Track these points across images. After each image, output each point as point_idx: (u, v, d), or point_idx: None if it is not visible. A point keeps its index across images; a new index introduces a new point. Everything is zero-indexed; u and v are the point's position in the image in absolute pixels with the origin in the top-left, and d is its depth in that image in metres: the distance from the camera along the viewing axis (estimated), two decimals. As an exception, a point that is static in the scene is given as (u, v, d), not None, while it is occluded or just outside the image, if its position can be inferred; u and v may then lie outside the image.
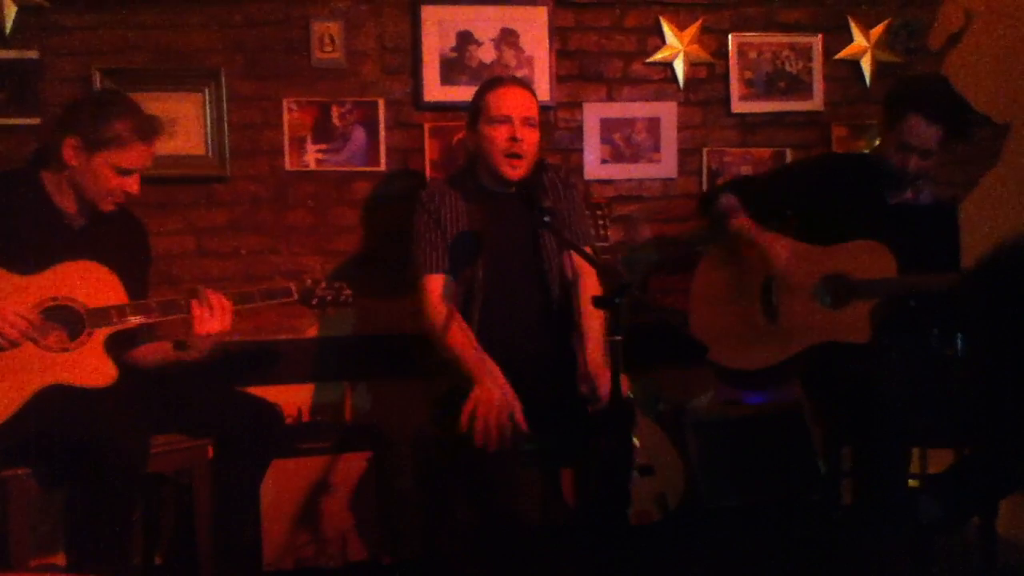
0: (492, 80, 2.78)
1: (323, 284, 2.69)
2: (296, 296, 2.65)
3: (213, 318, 2.46)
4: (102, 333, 2.41)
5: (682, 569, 2.97)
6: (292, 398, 3.22)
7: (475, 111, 2.73)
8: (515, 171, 2.66)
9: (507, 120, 2.65)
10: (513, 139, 2.64)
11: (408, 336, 3.15)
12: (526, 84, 2.79)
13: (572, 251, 2.62)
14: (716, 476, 3.13)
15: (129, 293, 2.48)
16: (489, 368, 2.49)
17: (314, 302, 2.68)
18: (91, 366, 2.39)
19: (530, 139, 2.67)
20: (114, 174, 2.46)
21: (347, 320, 3.31)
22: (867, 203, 2.87)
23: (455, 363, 2.55)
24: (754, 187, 3.03)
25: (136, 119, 2.47)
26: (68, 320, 2.40)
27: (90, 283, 2.44)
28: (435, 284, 2.67)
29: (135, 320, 2.45)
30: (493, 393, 2.41)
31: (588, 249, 2.82)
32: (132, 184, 2.50)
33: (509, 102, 2.66)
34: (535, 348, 2.68)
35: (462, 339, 2.57)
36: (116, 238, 2.59)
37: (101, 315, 2.41)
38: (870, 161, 2.94)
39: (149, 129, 2.49)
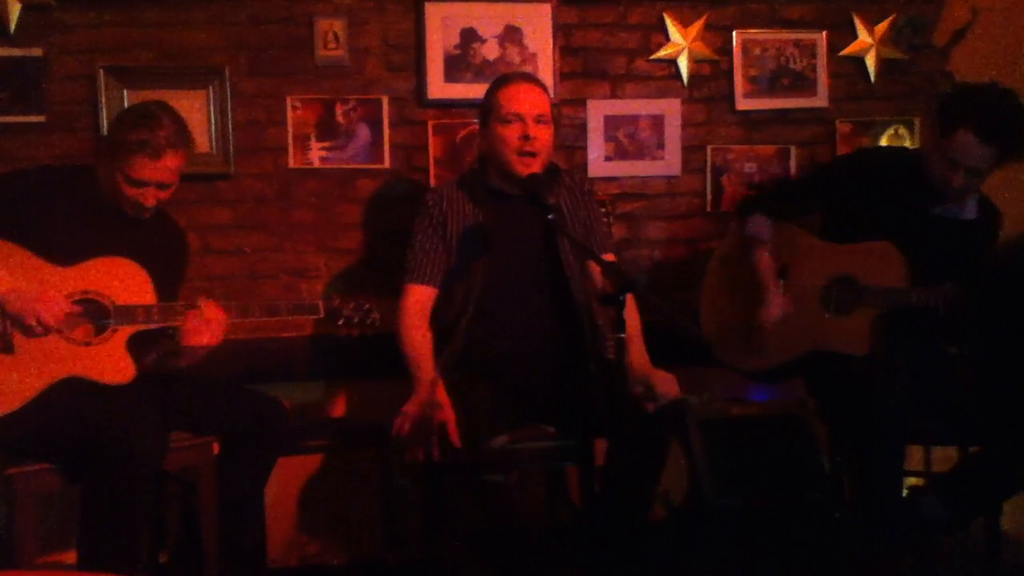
0: (502, 77, 2.73)
1: (352, 304, 2.69)
2: (323, 314, 2.67)
3: (206, 331, 2.47)
4: (125, 331, 2.43)
5: (685, 568, 2.97)
6: (297, 395, 3.23)
7: (486, 110, 2.68)
8: (528, 168, 2.61)
9: (518, 118, 2.60)
10: (525, 137, 2.59)
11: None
12: (537, 80, 2.74)
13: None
14: (720, 474, 3.13)
15: (160, 296, 2.50)
16: (425, 380, 2.50)
17: (340, 322, 2.68)
18: (110, 362, 2.41)
19: (543, 136, 2.62)
20: (125, 183, 2.46)
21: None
22: (907, 210, 2.76)
23: (406, 368, 2.59)
24: (789, 193, 3.01)
25: (149, 133, 2.42)
26: (95, 314, 2.43)
27: (122, 280, 2.46)
28: (416, 294, 2.68)
29: (161, 322, 2.47)
30: (415, 407, 2.43)
31: (612, 256, 2.81)
32: (146, 197, 2.48)
33: (520, 100, 2.62)
34: (545, 348, 2.65)
35: (416, 348, 2.60)
36: (156, 241, 2.61)
37: (127, 313, 2.44)
38: (917, 163, 2.78)
39: (157, 144, 2.43)
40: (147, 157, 2.43)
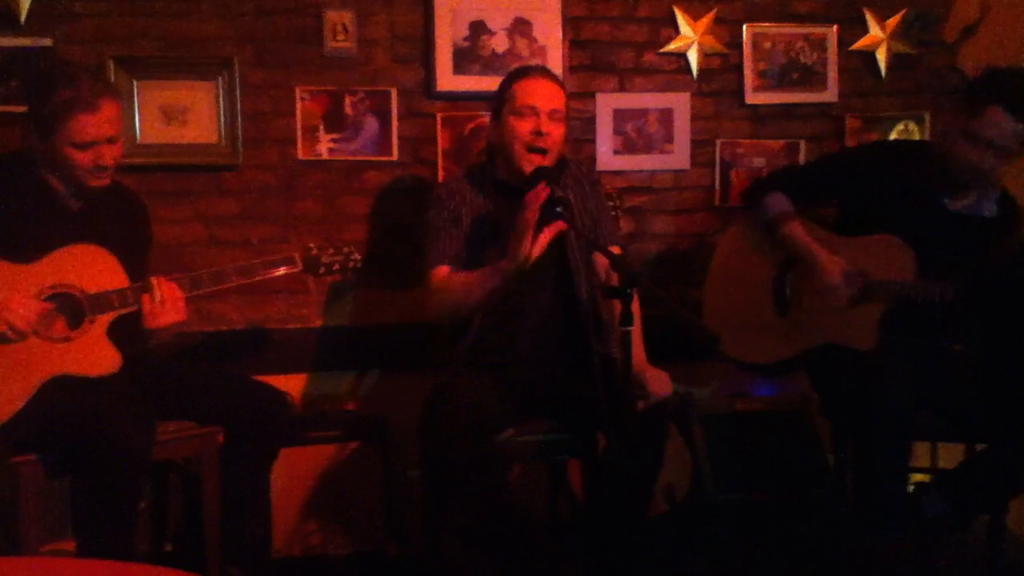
0: (521, 69, 2.70)
1: (330, 250, 2.61)
2: (300, 265, 2.58)
3: (165, 312, 2.39)
4: (104, 320, 2.38)
5: (687, 563, 2.97)
6: (300, 387, 3.24)
7: (500, 101, 2.65)
8: (534, 165, 2.57)
9: (533, 112, 2.57)
10: (538, 132, 2.56)
11: (416, 327, 3.16)
12: (555, 76, 2.71)
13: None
14: (722, 469, 3.12)
15: (131, 275, 2.44)
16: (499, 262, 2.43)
17: (321, 271, 2.60)
18: (94, 355, 2.37)
19: (555, 133, 2.59)
20: (75, 150, 2.35)
21: (355, 310, 3.32)
22: (924, 204, 2.73)
23: (469, 295, 2.48)
24: (801, 177, 2.97)
25: (72, 90, 2.31)
26: (69, 308, 2.37)
27: (89, 268, 2.39)
28: (442, 272, 2.61)
29: (137, 305, 2.40)
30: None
31: (618, 249, 2.77)
32: (102, 156, 2.37)
33: (536, 93, 2.58)
34: (549, 342, 2.64)
35: (463, 276, 2.53)
36: (115, 218, 2.55)
37: (101, 301, 2.38)
38: (933, 156, 2.75)
39: (88, 98, 2.31)
40: (85, 113, 2.32)
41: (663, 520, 3.05)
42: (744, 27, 3.47)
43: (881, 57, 3.52)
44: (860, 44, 3.52)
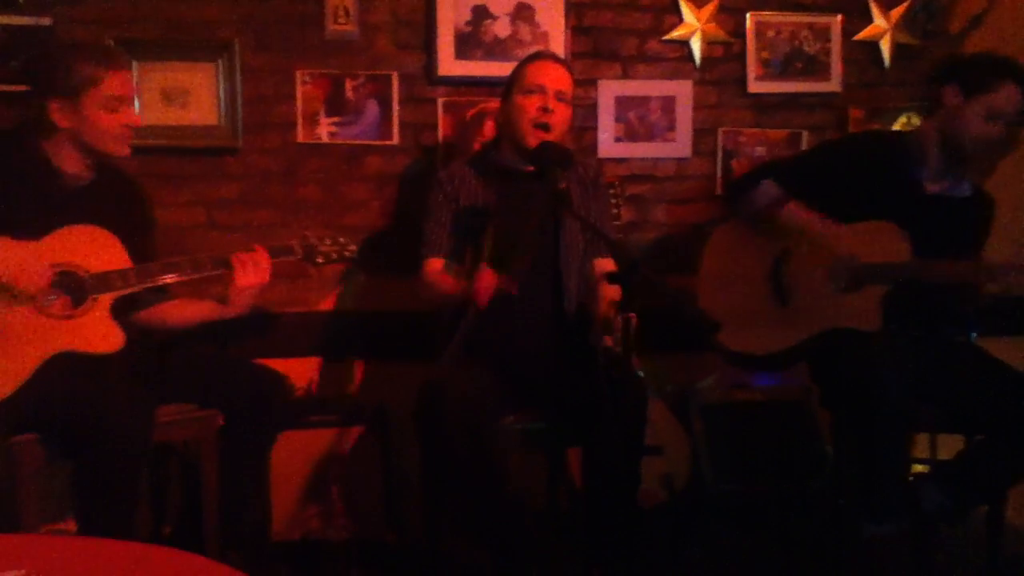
0: (531, 54, 2.81)
1: (327, 240, 2.67)
2: (300, 253, 2.63)
3: (255, 271, 2.50)
4: (107, 298, 2.40)
5: (685, 553, 2.97)
6: (301, 371, 3.23)
7: (510, 83, 2.74)
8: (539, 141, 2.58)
9: (540, 90, 2.65)
10: (544, 109, 2.63)
11: (417, 314, 3.15)
12: (564, 61, 2.82)
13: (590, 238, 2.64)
14: (721, 459, 3.13)
15: (133, 255, 2.46)
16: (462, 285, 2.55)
17: (319, 260, 2.65)
18: (97, 332, 2.38)
19: (561, 113, 2.66)
20: (107, 111, 2.40)
21: (357, 296, 3.32)
22: (904, 189, 2.79)
23: (448, 298, 2.63)
24: (789, 169, 2.95)
25: (99, 53, 2.44)
26: (71, 286, 2.38)
27: (91, 248, 2.42)
28: (434, 266, 2.72)
29: (139, 285, 2.43)
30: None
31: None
32: (130, 115, 2.46)
33: (545, 73, 2.68)
34: (544, 331, 2.63)
35: (444, 283, 2.67)
36: (116, 200, 2.57)
37: (104, 280, 2.40)
38: (911, 144, 2.84)
39: (116, 55, 2.48)
40: (117, 70, 2.42)
41: (661, 510, 3.06)
42: (747, 15, 3.46)
43: (885, 47, 3.51)
44: (864, 34, 3.51)
